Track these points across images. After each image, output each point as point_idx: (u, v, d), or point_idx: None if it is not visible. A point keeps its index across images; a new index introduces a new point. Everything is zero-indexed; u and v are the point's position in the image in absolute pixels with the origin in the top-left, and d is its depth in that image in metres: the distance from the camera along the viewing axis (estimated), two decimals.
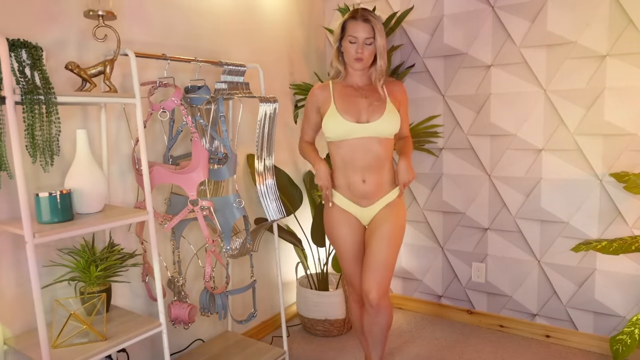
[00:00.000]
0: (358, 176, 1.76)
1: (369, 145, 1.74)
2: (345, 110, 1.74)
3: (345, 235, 1.83)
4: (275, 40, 2.58)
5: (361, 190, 1.78)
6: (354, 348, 2.43)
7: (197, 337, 2.18)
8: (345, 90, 1.80)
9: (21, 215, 1.22)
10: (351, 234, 1.83)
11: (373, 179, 1.77)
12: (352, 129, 1.72)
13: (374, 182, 1.77)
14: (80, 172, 1.45)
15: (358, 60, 1.74)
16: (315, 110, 1.84)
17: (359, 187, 1.77)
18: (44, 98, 1.26)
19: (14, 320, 1.50)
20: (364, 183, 1.76)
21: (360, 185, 1.77)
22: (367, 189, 1.77)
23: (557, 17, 2.24)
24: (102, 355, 1.38)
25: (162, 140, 1.94)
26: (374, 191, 1.78)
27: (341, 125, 1.73)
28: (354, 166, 1.76)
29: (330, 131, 1.75)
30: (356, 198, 1.80)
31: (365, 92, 1.79)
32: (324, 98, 1.80)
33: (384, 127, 1.74)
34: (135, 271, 1.84)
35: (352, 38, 1.72)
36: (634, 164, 2.13)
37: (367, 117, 1.74)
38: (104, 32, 1.55)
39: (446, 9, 2.54)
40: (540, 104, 2.33)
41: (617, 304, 2.25)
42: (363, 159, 1.74)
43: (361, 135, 1.73)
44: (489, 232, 2.56)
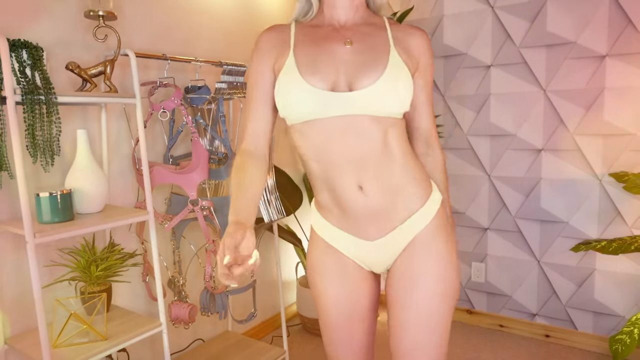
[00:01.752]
0: (348, 180, 0.99)
1: (357, 127, 0.97)
2: (311, 66, 0.97)
3: (334, 294, 1.07)
4: None
5: (360, 205, 1.00)
6: None
7: (197, 337, 2.18)
8: (316, 33, 1.03)
9: (22, 215, 1.22)
10: (345, 294, 1.07)
11: (376, 183, 0.99)
12: (322, 102, 0.95)
13: (383, 190, 1.00)
14: (80, 172, 1.45)
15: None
16: (266, 66, 1.04)
17: (355, 201, 1.00)
18: (45, 98, 1.26)
19: (15, 320, 1.50)
20: (362, 192, 0.99)
21: (357, 196, 1.00)
22: (370, 203, 1.00)
23: (556, 17, 2.24)
24: (103, 355, 1.39)
25: (163, 140, 1.94)
26: (382, 207, 1.01)
27: (302, 94, 0.96)
28: (338, 163, 0.98)
29: (285, 105, 0.99)
30: (354, 224, 1.03)
31: (352, 34, 1.01)
32: (279, 44, 1.03)
33: (382, 97, 0.95)
34: (135, 271, 1.84)
35: None
36: (634, 164, 2.14)
37: (349, 79, 0.96)
38: (105, 32, 1.55)
39: (446, 9, 2.54)
40: (540, 104, 2.33)
41: (617, 304, 2.25)
42: (350, 147, 0.97)
43: (340, 113, 0.95)
44: (489, 232, 2.56)
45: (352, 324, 1.08)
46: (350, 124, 0.96)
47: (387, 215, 1.02)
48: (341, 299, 1.07)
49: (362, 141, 0.97)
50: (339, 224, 1.05)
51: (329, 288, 1.08)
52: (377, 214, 1.01)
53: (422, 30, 1.07)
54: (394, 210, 1.02)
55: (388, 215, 1.02)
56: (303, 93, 0.96)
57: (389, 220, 1.02)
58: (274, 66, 1.04)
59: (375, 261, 1.07)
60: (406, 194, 1.02)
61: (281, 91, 0.99)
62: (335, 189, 1.01)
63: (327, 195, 1.04)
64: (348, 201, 1.01)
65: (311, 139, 1.00)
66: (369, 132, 0.97)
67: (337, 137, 0.97)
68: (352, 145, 0.97)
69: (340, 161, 0.98)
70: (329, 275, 1.08)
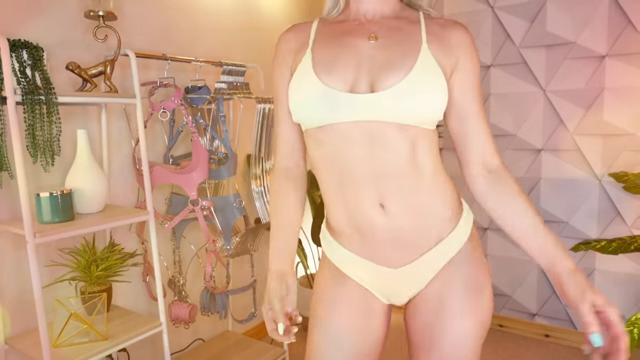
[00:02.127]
0: (368, 197, 0.86)
1: (379, 136, 0.83)
2: (329, 64, 0.86)
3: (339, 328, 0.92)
4: (275, 40, 2.59)
5: (382, 227, 0.87)
6: None
7: (197, 337, 2.18)
8: (339, 28, 0.93)
9: (22, 215, 1.22)
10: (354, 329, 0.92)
11: (401, 201, 0.86)
12: (337, 104, 0.83)
13: (408, 210, 0.87)
14: (80, 172, 1.45)
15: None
16: (286, 76, 0.94)
17: (375, 222, 0.87)
18: (45, 98, 1.27)
19: (15, 320, 1.50)
20: (384, 211, 0.86)
21: (377, 216, 0.87)
22: (392, 224, 0.87)
23: (556, 17, 2.24)
24: (103, 355, 1.39)
25: (163, 140, 1.94)
26: (409, 228, 0.87)
27: (315, 95, 0.84)
28: (356, 178, 0.86)
29: (297, 108, 0.88)
30: (373, 249, 0.90)
31: (378, 29, 0.89)
32: (298, 46, 0.93)
33: (409, 101, 0.81)
34: (135, 271, 1.84)
35: None
36: (633, 164, 2.14)
37: (371, 78, 0.84)
38: (105, 33, 1.55)
39: (446, 9, 2.55)
40: (539, 104, 2.33)
41: (616, 304, 2.25)
42: (371, 160, 0.84)
43: (359, 118, 0.83)
44: (489, 232, 2.56)
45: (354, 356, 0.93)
46: (371, 132, 0.83)
47: (414, 239, 0.88)
48: (347, 335, 0.92)
49: (384, 152, 0.83)
50: (355, 248, 0.91)
51: (334, 320, 0.92)
52: (402, 237, 0.87)
53: (463, 26, 0.91)
54: (421, 233, 0.88)
55: (414, 239, 0.88)
56: (316, 94, 0.84)
57: (415, 245, 0.88)
58: (291, 67, 0.93)
59: (396, 292, 0.93)
60: (436, 216, 0.89)
61: (293, 92, 0.89)
62: (351, 207, 0.88)
63: (342, 215, 0.90)
64: (367, 221, 0.87)
65: (325, 147, 0.87)
66: (393, 143, 0.83)
67: (355, 145, 0.84)
68: (373, 157, 0.84)
69: (358, 174, 0.85)
70: (336, 307, 0.92)
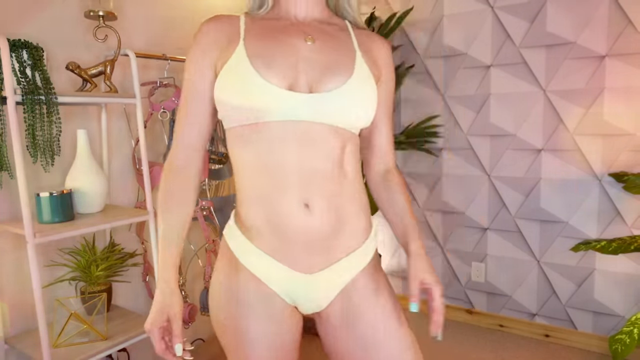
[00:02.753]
0: (294, 197, 0.84)
1: (313, 137, 0.84)
2: (267, 58, 0.83)
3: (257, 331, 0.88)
4: None
5: (303, 226, 0.84)
6: None
7: (197, 337, 2.18)
8: (271, 25, 0.90)
9: (22, 215, 1.22)
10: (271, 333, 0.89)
11: (327, 203, 0.85)
12: (277, 101, 0.81)
13: (330, 212, 0.86)
14: (80, 172, 1.45)
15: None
16: (207, 64, 0.88)
17: (298, 221, 0.84)
18: (45, 98, 1.27)
19: (15, 320, 1.50)
20: (309, 211, 0.84)
21: (300, 216, 0.84)
22: (315, 224, 0.85)
23: (556, 17, 2.24)
24: (103, 355, 1.39)
25: (163, 140, 1.94)
26: (330, 232, 0.86)
27: (252, 89, 0.81)
28: (285, 177, 0.84)
29: (230, 103, 0.83)
30: (291, 251, 0.86)
31: (313, 31, 0.90)
32: (225, 38, 0.87)
33: (350, 105, 0.84)
34: (135, 271, 1.84)
35: None
36: (633, 164, 2.14)
37: (310, 80, 0.84)
38: (105, 33, 1.55)
39: (446, 10, 2.55)
40: (539, 104, 2.33)
41: (616, 304, 2.25)
42: (303, 160, 0.84)
43: (297, 118, 0.82)
44: (489, 232, 2.56)
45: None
46: (306, 132, 0.82)
47: (332, 242, 0.86)
48: (265, 338, 0.88)
49: (316, 154, 0.83)
50: (271, 251, 0.86)
51: (251, 324, 0.87)
52: (321, 240, 0.85)
53: (384, 39, 0.98)
54: (339, 238, 0.87)
55: (332, 243, 0.86)
56: (253, 87, 0.80)
57: (332, 249, 0.87)
58: (216, 63, 0.87)
59: (306, 299, 0.89)
60: (354, 223, 0.89)
61: (224, 85, 0.83)
62: (274, 207, 0.84)
63: (260, 215, 0.86)
64: (289, 221, 0.84)
65: (254, 146, 0.84)
66: (326, 145, 0.84)
67: (289, 145, 0.82)
68: (305, 157, 0.83)
69: (287, 174, 0.83)
70: (251, 310, 0.87)
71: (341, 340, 0.90)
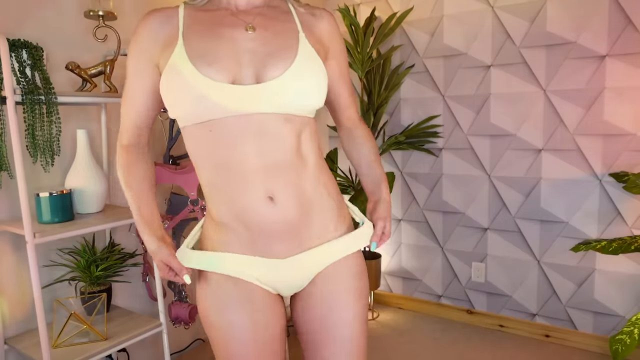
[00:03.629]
0: (257, 191, 0.85)
1: (266, 129, 0.84)
2: (207, 56, 0.83)
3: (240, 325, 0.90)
4: None
5: (270, 219, 0.86)
6: None
7: (197, 337, 2.18)
8: (209, 17, 0.89)
9: (22, 215, 1.22)
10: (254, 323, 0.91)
11: (289, 191, 0.87)
12: (224, 98, 0.81)
13: (295, 200, 0.88)
14: (80, 172, 1.45)
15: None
16: (147, 59, 0.89)
17: (264, 214, 0.86)
18: (45, 98, 1.26)
19: (15, 320, 1.50)
20: (273, 203, 0.86)
21: (266, 208, 0.86)
22: (281, 215, 0.87)
23: (556, 17, 2.24)
24: (103, 355, 1.39)
25: (163, 140, 1.94)
26: (298, 220, 0.89)
27: (197, 89, 0.81)
28: (244, 173, 0.85)
29: (177, 105, 0.85)
30: (261, 241, 0.88)
31: (253, 19, 0.89)
32: (166, 34, 0.88)
33: (295, 91, 0.84)
34: (135, 271, 1.84)
35: None
36: (634, 164, 2.14)
37: (255, 70, 0.84)
38: (105, 32, 1.55)
39: (446, 9, 2.55)
40: (539, 104, 2.33)
41: (617, 304, 2.25)
42: (260, 153, 0.84)
43: (246, 111, 0.82)
44: (489, 232, 2.56)
45: (264, 352, 0.92)
46: (258, 125, 0.83)
47: (301, 230, 0.89)
48: (249, 329, 0.90)
49: (272, 145, 0.84)
50: (240, 247, 0.89)
51: (233, 321, 0.90)
52: (290, 229, 0.88)
53: (327, 12, 0.97)
54: (308, 226, 0.90)
55: (302, 231, 0.89)
56: (197, 87, 0.80)
57: (302, 237, 0.90)
58: (158, 60, 0.88)
59: (284, 282, 0.93)
60: (322, 210, 0.91)
61: (170, 87, 0.84)
62: (238, 202, 0.86)
63: (228, 211, 0.87)
64: (255, 215, 0.86)
65: (209, 144, 0.84)
66: (281, 134, 0.85)
67: (242, 140, 0.83)
68: (261, 150, 0.84)
69: (246, 168, 0.84)
70: (230, 309, 0.90)
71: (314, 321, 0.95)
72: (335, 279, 0.93)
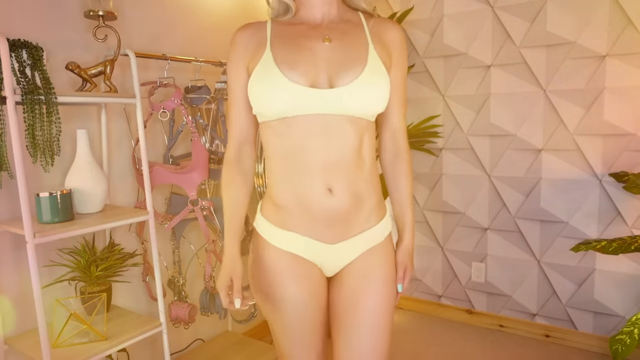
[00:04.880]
0: (318, 182, 0.98)
1: (334, 128, 0.97)
2: (290, 61, 0.97)
3: (294, 294, 1.02)
4: None
5: (327, 207, 0.99)
6: None
7: (197, 337, 2.18)
8: (293, 30, 1.03)
9: (22, 215, 1.22)
10: (306, 297, 1.03)
11: (346, 185, 0.99)
12: (301, 98, 0.95)
13: (350, 194, 1.00)
14: (80, 172, 1.45)
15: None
16: (243, 68, 1.04)
17: (322, 203, 0.99)
18: (45, 98, 1.26)
19: (15, 320, 1.50)
20: (331, 194, 0.99)
21: (324, 198, 0.99)
22: (337, 206, 0.99)
23: (556, 17, 2.24)
24: (103, 355, 1.39)
25: (163, 140, 1.94)
26: (348, 210, 1.01)
27: (280, 89, 0.95)
28: (310, 165, 0.98)
29: (262, 101, 0.98)
30: (316, 226, 1.01)
31: (330, 32, 1.02)
32: (255, 44, 1.02)
33: (362, 97, 0.97)
34: (135, 271, 1.84)
35: None
36: (634, 164, 2.14)
37: (329, 75, 0.96)
38: (105, 32, 1.55)
39: (446, 9, 2.54)
40: (539, 104, 2.33)
41: (617, 304, 2.25)
42: (325, 150, 0.97)
43: (318, 111, 0.95)
44: (489, 232, 2.56)
45: (313, 320, 1.05)
46: (329, 124, 0.96)
47: (350, 220, 1.02)
48: (302, 299, 1.03)
49: (338, 143, 0.98)
50: (298, 227, 1.02)
51: (288, 289, 1.03)
52: (341, 218, 1.01)
53: (397, 24, 1.09)
54: (356, 217, 1.03)
55: (350, 221, 1.02)
56: (281, 87, 0.95)
57: (350, 226, 1.03)
58: (248, 66, 1.03)
59: (331, 264, 1.06)
60: (368, 204, 1.04)
61: (256, 85, 0.98)
62: (302, 190, 1.00)
63: (290, 197, 1.01)
64: (315, 203, 0.99)
65: (284, 138, 0.98)
66: (346, 134, 0.98)
67: (314, 136, 0.96)
68: (329, 147, 0.97)
69: (313, 161, 0.98)
70: (285, 278, 1.03)
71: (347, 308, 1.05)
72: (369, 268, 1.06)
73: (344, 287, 1.06)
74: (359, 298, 1.04)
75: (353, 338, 1.03)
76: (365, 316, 1.03)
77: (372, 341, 1.03)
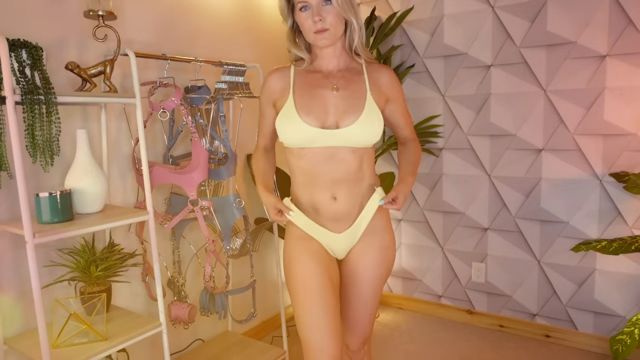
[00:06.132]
0: (326, 193, 1.33)
1: (339, 156, 1.30)
2: (307, 108, 1.29)
3: (311, 271, 1.32)
4: (275, 40, 2.58)
5: (332, 210, 1.35)
6: None
7: (197, 337, 2.18)
8: (310, 79, 1.34)
9: (21, 215, 1.22)
10: (320, 270, 1.32)
11: (347, 195, 1.34)
12: (314, 136, 1.28)
13: (348, 199, 1.34)
14: (80, 172, 1.45)
15: (320, 32, 1.25)
16: (271, 104, 1.39)
17: (329, 207, 1.34)
18: (44, 98, 1.26)
19: (14, 320, 1.49)
20: (335, 201, 1.34)
21: (330, 204, 1.34)
22: (339, 209, 1.35)
23: (557, 17, 2.24)
24: (102, 355, 1.38)
25: (162, 140, 1.94)
26: (348, 211, 1.35)
27: (299, 130, 1.28)
28: (320, 181, 1.33)
29: (286, 137, 1.31)
30: (325, 220, 1.37)
31: (337, 81, 1.32)
32: (281, 87, 1.35)
33: (359, 135, 1.28)
34: (135, 271, 1.84)
35: (302, 3, 1.25)
36: (634, 164, 2.13)
37: (336, 119, 1.29)
38: (104, 32, 1.55)
39: (446, 9, 2.54)
40: (540, 104, 2.33)
41: (617, 304, 2.25)
42: (332, 171, 1.31)
43: (327, 145, 1.29)
44: (489, 232, 2.56)
45: (326, 289, 1.30)
46: (334, 153, 1.30)
47: (349, 216, 1.37)
48: (318, 271, 1.32)
49: (341, 166, 1.32)
50: (313, 219, 1.37)
51: (307, 263, 1.33)
52: (343, 216, 1.36)
53: (388, 69, 1.39)
54: (355, 214, 1.37)
55: (350, 217, 1.37)
56: (299, 128, 1.28)
57: (348, 219, 1.37)
58: (275, 103, 1.37)
59: (339, 249, 1.40)
60: (363, 197, 1.38)
61: (281, 123, 1.31)
62: (314, 197, 1.35)
63: (306, 199, 1.37)
64: (323, 207, 1.35)
65: (302, 160, 1.34)
66: (348, 159, 1.31)
67: (323, 162, 1.31)
68: (334, 169, 1.31)
69: (323, 179, 1.33)
70: (306, 255, 1.34)
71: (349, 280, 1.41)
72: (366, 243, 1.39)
73: (349, 263, 1.41)
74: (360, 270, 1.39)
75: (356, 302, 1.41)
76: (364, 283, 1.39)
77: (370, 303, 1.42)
